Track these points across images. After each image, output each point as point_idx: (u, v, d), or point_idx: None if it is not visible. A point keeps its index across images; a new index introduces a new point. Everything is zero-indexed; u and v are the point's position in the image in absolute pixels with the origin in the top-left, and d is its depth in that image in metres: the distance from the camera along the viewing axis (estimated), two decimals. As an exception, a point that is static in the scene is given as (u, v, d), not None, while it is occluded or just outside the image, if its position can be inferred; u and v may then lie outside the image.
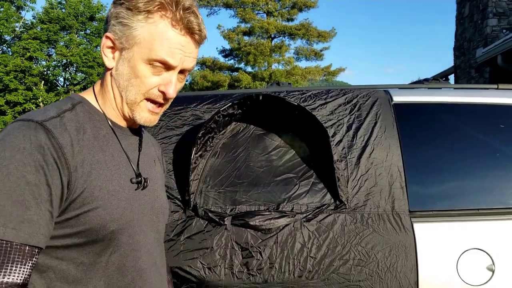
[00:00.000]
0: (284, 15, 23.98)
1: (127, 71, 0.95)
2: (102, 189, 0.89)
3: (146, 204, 1.01)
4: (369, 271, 1.52)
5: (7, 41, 24.17)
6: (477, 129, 1.81)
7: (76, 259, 0.88)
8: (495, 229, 1.61)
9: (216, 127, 1.71)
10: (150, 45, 0.92)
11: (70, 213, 0.86)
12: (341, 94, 1.84)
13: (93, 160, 0.90)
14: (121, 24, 0.93)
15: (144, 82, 0.95)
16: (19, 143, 0.81)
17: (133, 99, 0.96)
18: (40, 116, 0.87)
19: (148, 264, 1.00)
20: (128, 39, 0.93)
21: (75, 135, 0.89)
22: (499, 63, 8.04)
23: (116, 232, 0.91)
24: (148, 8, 0.91)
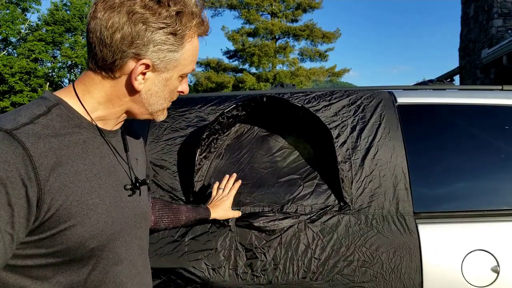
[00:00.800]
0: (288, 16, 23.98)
1: (162, 89, 0.93)
2: (81, 204, 0.82)
3: (128, 212, 0.95)
4: (373, 273, 1.52)
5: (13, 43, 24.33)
6: (482, 131, 1.80)
7: (51, 278, 0.82)
8: (500, 231, 1.61)
9: (220, 128, 1.71)
10: (187, 61, 0.93)
11: (45, 233, 0.78)
12: (345, 95, 1.84)
13: (70, 171, 0.81)
14: (167, 51, 0.88)
15: (175, 92, 0.97)
16: None
17: (161, 108, 0.97)
18: (10, 123, 0.77)
19: (129, 276, 0.94)
20: (171, 63, 0.90)
21: (50, 143, 0.79)
22: (505, 64, 8.00)
23: (96, 249, 0.85)
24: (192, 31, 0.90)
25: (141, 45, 0.85)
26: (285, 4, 23.80)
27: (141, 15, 0.83)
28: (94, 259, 0.86)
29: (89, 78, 0.90)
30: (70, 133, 0.85)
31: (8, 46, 24.26)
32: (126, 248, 0.94)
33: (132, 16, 0.83)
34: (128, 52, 0.85)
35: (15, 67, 22.05)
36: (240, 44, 23.50)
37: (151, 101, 0.93)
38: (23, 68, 22.24)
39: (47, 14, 24.25)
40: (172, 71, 0.91)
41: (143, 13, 0.83)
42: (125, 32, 0.83)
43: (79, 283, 0.84)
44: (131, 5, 0.83)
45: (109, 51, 0.85)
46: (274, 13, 23.84)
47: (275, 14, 23.87)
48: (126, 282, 0.93)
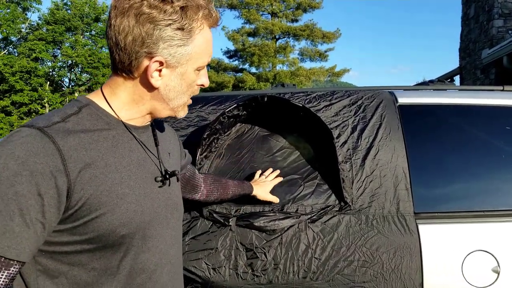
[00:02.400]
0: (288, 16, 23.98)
1: (179, 83, 0.96)
2: (111, 193, 0.87)
3: (159, 203, 1.00)
4: (373, 273, 1.52)
5: (13, 42, 24.35)
6: (483, 131, 1.80)
7: (87, 264, 0.88)
8: (501, 231, 1.61)
9: (221, 128, 1.71)
10: (200, 54, 0.95)
11: (78, 221, 0.85)
12: (346, 95, 1.84)
13: (100, 163, 0.87)
14: (176, 46, 0.90)
15: (193, 86, 0.99)
16: (15, 150, 0.79)
17: (182, 103, 1.00)
18: (43, 122, 0.85)
19: (159, 264, 0.99)
20: (183, 57, 0.93)
21: (80, 138, 0.86)
22: (505, 64, 8.00)
23: (126, 236, 0.91)
24: (199, 22, 0.92)
25: (152, 44, 0.88)
26: (285, 4, 23.79)
27: (148, 15, 0.87)
28: (125, 246, 0.91)
29: (113, 81, 0.96)
30: (99, 129, 0.91)
31: (9, 45, 24.28)
32: (157, 237, 0.99)
33: (140, 18, 0.87)
34: (141, 52, 0.89)
35: (16, 66, 22.06)
36: (240, 44, 23.51)
37: (171, 96, 0.97)
38: (24, 67, 22.24)
39: (48, 13, 24.24)
40: (186, 65, 0.94)
41: (149, 13, 0.86)
42: (136, 33, 0.87)
43: (112, 269, 0.90)
44: (138, 7, 0.86)
45: (124, 54, 0.90)
46: (274, 13, 23.83)
47: (275, 14, 23.87)
48: (156, 269, 0.98)
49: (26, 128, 0.83)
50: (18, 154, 0.78)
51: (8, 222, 0.77)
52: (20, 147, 0.79)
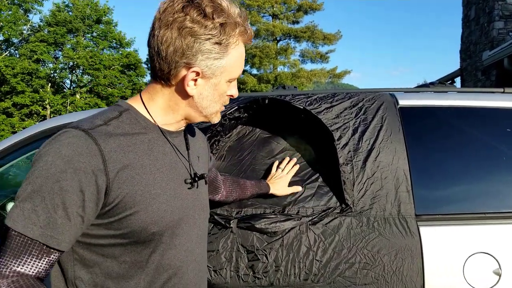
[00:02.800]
0: (289, 17, 24.01)
1: (212, 93, 1.03)
2: (144, 193, 0.95)
3: (188, 204, 1.07)
4: (375, 275, 1.52)
5: (15, 43, 24.39)
6: (483, 133, 1.80)
7: (119, 257, 0.96)
8: (502, 233, 1.61)
9: (222, 130, 1.71)
10: (233, 67, 1.02)
11: (114, 217, 0.92)
12: (347, 97, 1.84)
13: (137, 165, 0.95)
14: (213, 59, 0.98)
15: (224, 96, 1.07)
16: (62, 149, 0.87)
17: (214, 111, 1.07)
18: (87, 125, 0.92)
19: (185, 262, 1.06)
20: (218, 69, 1.00)
21: (120, 141, 0.94)
22: (506, 66, 8.00)
23: (156, 234, 0.97)
24: (235, 38, 0.99)
25: (191, 55, 0.96)
26: (286, 6, 23.83)
27: (190, 29, 0.94)
28: (154, 243, 0.98)
29: (152, 88, 1.04)
30: (137, 133, 0.99)
31: (10, 47, 24.33)
32: (185, 235, 1.06)
33: (182, 31, 0.94)
34: (180, 62, 0.97)
35: (17, 68, 22.08)
36: (241, 45, 23.48)
37: (204, 105, 1.04)
38: (25, 69, 22.27)
39: (49, 15, 24.26)
40: (220, 76, 1.01)
41: (191, 27, 0.94)
42: (177, 45, 0.95)
43: (141, 263, 0.98)
44: (181, 21, 0.94)
45: (165, 63, 0.97)
46: (275, 15, 23.87)
47: (276, 16, 23.90)
48: (181, 266, 1.05)
49: (72, 130, 0.91)
50: (65, 153, 0.86)
51: (52, 214, 0.85)
52: (66, 147, 0.87)
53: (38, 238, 0.85)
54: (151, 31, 0.99)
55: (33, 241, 0.85)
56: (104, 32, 25.31)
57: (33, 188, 0.86)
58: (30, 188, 0.86)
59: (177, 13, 0.94)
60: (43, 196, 0.85)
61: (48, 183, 0.85)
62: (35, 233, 0.85)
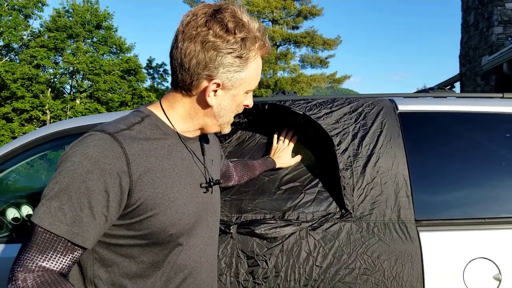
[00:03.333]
0: (289, 23, 24.09)
1: (230, 104, 1.07)
2: (164, 196, 0.99)
3: (202, 207, 1.11)
4: (375, 280, 1.52)
5: (15, 49, 24.41)
6: (483, 138, 1.81)
7: (137, 257, 0.99)
8: (502, 238, 1.61)
9: (222, 135, 1.72)
10: (251, 79, 1.06)
11: (135, 218, 0.96)
12: (347, 103, 1.84)
13: (158, 168, 0.99)
14: (234, 71, 1.02)
15: (241, 106, 1.11)
16: (89, 151, 0.91)
17: (228, 120, 1.12)
18: (112, 128, 0.97)
19: (199, 262, 1.10)
20: (238, 81, 1.04)
21: (142, 145, 0.98)
22: (505, 71, 8.02)
23: (174, 235, 1.01)
24: (255, 52, 1.03)
25: (213, 68, 1.00)
26: (286, 11, 23.91)
27: (213, 43, 0.98)
28: (172, 244, 1.02)
29: (172, 96, 1.08)
30: (158, 138, 1.03)
31: (11, 52, 24.35)
32: (198, 237, 1.10)
33: (205, 45, 0.98)
34: (202, 74, 1.01)
35: (17, 73, 22.08)
36: (241, 50, 23.54)
37: (221, 114, 1.08)
38: (25, 74, 22.27)
39: (50, 20, 24.29)
40: (239, 88, 1.06)
41: (214, 41, 0.98)
42: (200, 58, 0.99)
43: (158, 263, 1.01)
44: (205, 35, 0.98)
45: (187, 74, 1.01)
46: (275, 20, 23.94)
47: (276, 21, 23.98)
48: (196, 266, 1.09)
49: (98, 133, 0.95)
50: (92, 154, 0.90)
51: (78, 212, 0.89)
52: (93, 149, 0.91)
53: (64, 235, 0.88)
54: (174, 43, 1.02)
55: (59, 237, 0.88)
56: (104, 38, 25.36)
57: (60, 187, 0.89)
58: (57, 187, 0.89)
59: (200, 27, 0.98)
60: (70, 195, 0.89)
61: (75, 182, 0.89)
62: (62, 230, 0.88)
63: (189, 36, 0.99)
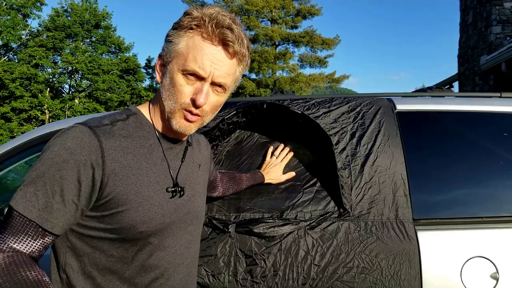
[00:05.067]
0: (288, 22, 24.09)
1: (168, 82, 1.04)
2: (138, 194, 1.00)
3: (181, 209, 1.11)
4: (373, 279, 1.52)
5: (14, 48, 24.37)
6: (481, 138, 1.81)
7: (107, 251, 1.01)
8: (499, 237, 1.61)
9: (220, 135, 1.72)
10: (186, 56, 1.01)
11: (106, 211, 0.98)
12: (345, 102, 1.85)
13: (134, 165, 1.00)
14: (168, 41, 1.04)
15: (180, 90, 1.03)
16: (67, 142, 0.94)
17: (172, 107, 1.04)
18: (94, 123, 1.00)
19: (173, 264, 1.10)
20: (171, 53, 1.03)
21: (121, 141, 1.00)
22: (503, 70, 8.03)
23: (144, 233, 1.02)
24: (189, 24, 1.01)
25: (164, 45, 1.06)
26: (285, 11, 23.91)
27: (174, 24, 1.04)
28: (142, 242, 1.03)
29: (157, 92, 1.10)
30: (140, 136, 1.05)
31: (9, 52, 24.31)
32: (174, 239, 1.10)
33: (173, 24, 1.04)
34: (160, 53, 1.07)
35: (16, 72, 22.07)
36: (240, 50, 23.52)
37: (164, 96, 1.05)
38: (24, 73, 22.25)
39: (48, 20, 24.29)
40: (172, 62, 1.03)
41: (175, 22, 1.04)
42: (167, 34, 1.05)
43: (127, 259, 1.03)
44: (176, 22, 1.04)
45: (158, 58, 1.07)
46: (274, 20, 23.94)
47: (275, 21, 23.98)
48: (168, 267, 1.09)
49: (80, 126, 0.97)
50: (69, 145, 0.93)
51: (50, 199, 0.92)
52: (71, 140, 0.94)
53: (35, 219, 0.91)
54: None
55: (31, 222, 0.92)
56: (103, 37, 25.35)
57: (37, 174, 0.93)
58: (35, 173, 0.93)
59: None
60: (45, 182, 0.92)
61: (50, 170, 0.92)
62: (33, 214, 0.91)
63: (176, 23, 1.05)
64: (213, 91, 1.05)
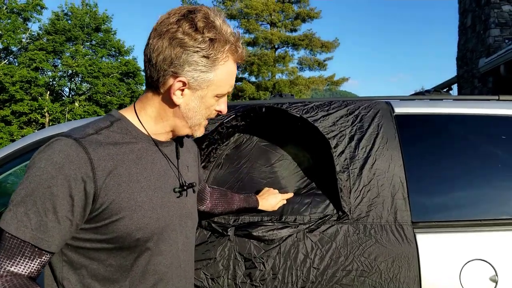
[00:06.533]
0: (287, 26, 24.13)
1: (198, 105, 1.06)
2: (130, 201, 0.98)
3: (174, 211, 1.09)
4: (372, 282, 1.52)
5: (14, 52, 24.40)
6: (479, 140, 1.82)
7: (105, 261, 0.99)
8: (498, 240, 1.61)
9: (219, 138, 1.72)
10: (220, 83, 1.05)
11: (100, 222, 0.96)
12: (343, 105, 1.85)
13: (124, 173, 0.98)
14: (200, 71, 1.01)
15: (211, 109, 1.09)
16: (53, 157, 0.91)
17: (198, 123, 1.09)
18: (79, 134, 0.97)
19: (170, 268, 1.09)
20: (205, 82, 1.03)
21: (109, 150, 0.98)
22: (502, 73, 8.05)
23: (141, 240, 1.01)
24: (225, 55, 1.02)
25: (178, 65, 1.00)
26: (284, 14, 23.95)
27: (180, 40, 0.98)
28: (139, 248, 1.02)
29: (144, 97, 1.08)
30: (127, 142, 1.03)
31: (9, 55, 24.34)
32: (170, 242, 1.09)
33: (173, 41, 0.99)
34: (168, 71, 1.01)
35: (16, 76, 22.06)
36: (239, 53, 23.55)
37: (189, 115, 1.07)
38: (24, 77, 22.25)
39: (48, 23, 24.30)
40: (206, 89, 1.04)
41: (181, 38, 0.98)
42: (166, 54, 0.99)
43: (126, 267, 1.01)
44: (173, 32, 0.99)
45: (154, 70, 1.02)
46: (273, 23, 23.99)
47: (274, 24, 24.02)
48: (167, 272, 1.08)
49: (64, 138, 0.95)
50: (56, 160, 0.91)
51: (43, 217, 0.90)
52: (58, 154, 0.91)
53: (30, 240, 0.89)
54: (147, 40, 1.04)
55: (25, 243, 0.89)
56: (103, 40, 25.37)
57: (26, 193, 0.90)
58: (23, 192, 0.90)
59: (171, 25, 0.99)
60: (35, 201, 0.89)
61: (40, 188, 0.90)
62: (27, 235, 0.89)
63: (159, 33, 1.00)
64: None
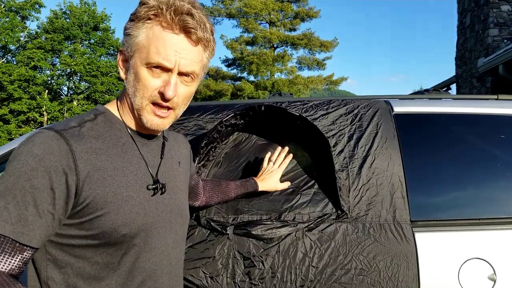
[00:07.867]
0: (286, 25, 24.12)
1: (132, 77, 0.99)
2: (116, 195, 0.95)
3: (163, 208, 1.07)
4: (370, 281, 1.53)
5: (12, 50, 24.35)
6: (478, 139, 1.82)
7: (91, 258, 0.96)
8: (497, 239, 1.62)
9: (218, 137, 1.72)
10: (148, 49, 0.96)
11: (85, 217, 0.93)
12: (342, 104, 1.86)
13: (109, 166, 0.95)
14: (127, 35, 0.99)
15: (146, 85, 0.98)
16: (34, 149, 0.88)
17: (139, 103, 1.00)
18: (60, 126, 0.94)
19: (160, 265, 1.05)
20: (132, 46, 0.98)
21: (92, 143, 0.95)
22: (501, 73, 8.06)
23: (127, 236, 0.97)
24: (147, 14, 0.96)
25: (123, 40, 1.01)
26: (283, 13, 23.94)
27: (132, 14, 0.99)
28: (126, 245, 0.98)
29: (124, 89, 1.05)
30: (111, 135, 1.00)
31: (7, 54, 24.29)
32: (159, 239, 1.05)
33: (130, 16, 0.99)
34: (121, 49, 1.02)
35: (14, 74, 22.02)
36: (238, 52, 23.59)
37: (130, 91, 1.01)
38: (22, 75, 22.21)
39: (47, 22, 24.26)
40: (134, 56, 0.98)
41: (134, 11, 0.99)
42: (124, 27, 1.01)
43: (113, 265, 0.97)
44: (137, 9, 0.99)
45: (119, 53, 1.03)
46: (273, 22, 23.97)
47: (274, 23, 24.01)
48: (156, 269, 1.05)
49: (45, 130, 0.92)
50: (37, 152, 0.88)
51: (23, 211, 0.86)
52: (38, 146, 0.88)
53: (10, 234, 0.86)
54: None
55: (5, 238, 0.86)
56: (102, 39, 25.33)
57: (6, 186, 0.87)
58: (3, 186, 0.88)
59: None
60: (15, 194, 0.86)
61: (19, 181, 0.87)
62: (6, 229, 0.85)
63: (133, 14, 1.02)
64: (181, 82, 1.00)
